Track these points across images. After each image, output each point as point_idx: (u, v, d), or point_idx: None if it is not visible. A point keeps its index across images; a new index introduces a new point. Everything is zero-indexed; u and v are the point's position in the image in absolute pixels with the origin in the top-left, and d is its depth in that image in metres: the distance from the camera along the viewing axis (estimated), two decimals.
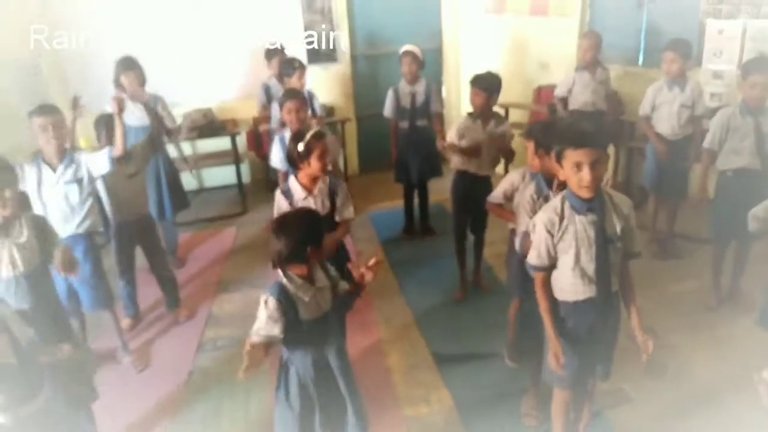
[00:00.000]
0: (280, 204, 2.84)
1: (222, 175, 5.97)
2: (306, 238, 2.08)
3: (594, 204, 2.10)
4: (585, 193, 2.07)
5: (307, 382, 2.23)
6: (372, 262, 2.23)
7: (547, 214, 2.17)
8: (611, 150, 4.83)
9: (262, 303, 2.08)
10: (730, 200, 3.37)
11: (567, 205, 2.13)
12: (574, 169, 2.04)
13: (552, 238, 2.16)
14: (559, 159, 2.12)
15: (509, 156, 3.80)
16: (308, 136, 2.73)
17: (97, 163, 3.17)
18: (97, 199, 3.33)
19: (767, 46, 4.17)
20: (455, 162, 3.74)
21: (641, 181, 4.21)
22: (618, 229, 2.13)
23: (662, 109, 3.99)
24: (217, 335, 3.67)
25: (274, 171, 3.89)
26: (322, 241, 2.15)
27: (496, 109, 3.77)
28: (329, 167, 2.78)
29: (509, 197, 2.95)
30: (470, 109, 3.71)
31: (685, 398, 2.90)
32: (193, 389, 3.22)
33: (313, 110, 4.52)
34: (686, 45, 3.91)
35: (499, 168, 4.21)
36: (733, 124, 3.32)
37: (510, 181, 2.93)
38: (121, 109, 3.27)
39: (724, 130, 3.36)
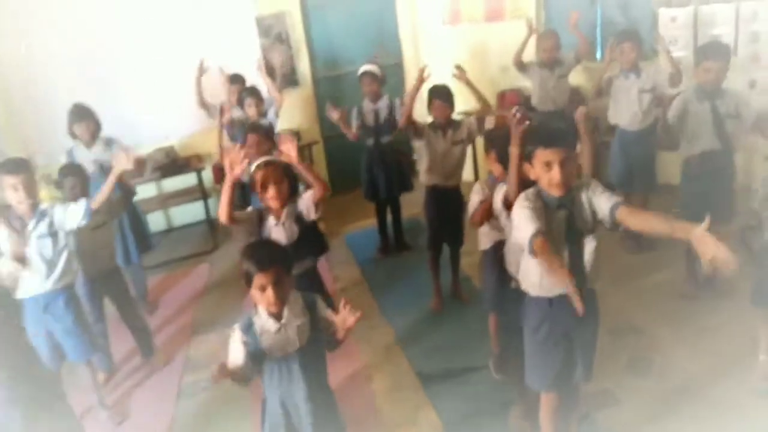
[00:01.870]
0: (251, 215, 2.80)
1: (190, 212, 5.86)
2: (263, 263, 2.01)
3: (565, 199, 2.11)
4: (556, 191, 2.09)
5: (279, 422, 2.15)
6: (354, 317, 2.13)
7: (525, 199, 2.13)
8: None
9: (231, 333, 2.10)
10: (697, 185, 3.37)
11: (539, 202, 2.13)
12: (545, 168, 2.07)
13: (534, 209, 2.08)
14: (528, 159, 2.14)
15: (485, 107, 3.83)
16: (255, 164, 2.72)
17: (72, 215, 3.02)
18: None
19: (719, 31, 4.20)
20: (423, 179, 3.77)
21: (607, 176, 4.18)
22: (590, 221, 2.13)
23: (621, 99, 3.97)
24: (197, 378, 3.56)
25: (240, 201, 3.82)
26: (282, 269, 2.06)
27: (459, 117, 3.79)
28: (280, 196, 2.71)
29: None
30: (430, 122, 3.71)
31: (671, 393, 2.85)
32: None
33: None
34: (637, 34, 3.93)
35: (468, 174, 4.18)
36: (691, 109, 3.32)
37: (481, 190, 2.85)
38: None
39: (683, 112, 3.36)
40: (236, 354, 2.09)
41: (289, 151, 2.69)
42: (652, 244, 4.15)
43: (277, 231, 2.72)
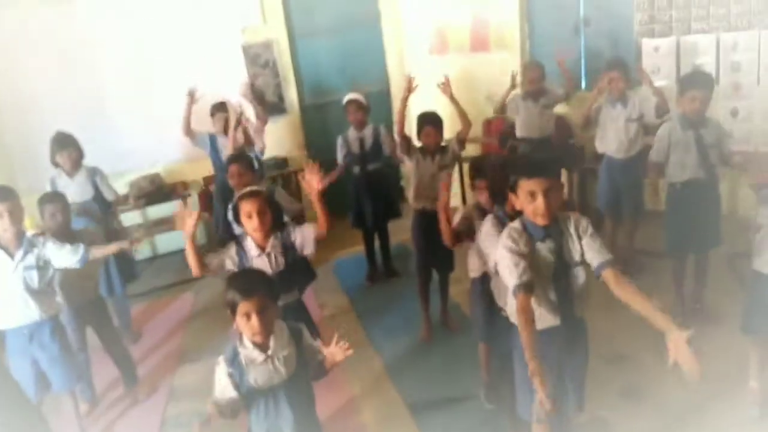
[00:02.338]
0: (227, 255, 2.71)
1: (175, 240, 5.77)
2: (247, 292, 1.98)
3: (551, 230, 2.10)
4: (540, 221, 2.07)
5: None
6: (343, 354, 2.13)
7: (509, 238, 2.12)
8: (563, 174, 4.85)
9: (217, 365, 2.06)
10: (681, 212, 3.40)
11: (525, 231, 2.12)
12: (529, 198, 2.06)
13: (520, 254, 2.07)
14: (513, 189, 2.13)
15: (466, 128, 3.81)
16: (238, 194, 2.69)
17: (66, 257, 2.99)
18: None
19: (701, 59, 4.29)
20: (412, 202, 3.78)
21: (595, 203, 4.21)
22: (577, 254, 2.11)
23: (608, 128, 4.02)
24: (181, 410, 3.47)
25: (223, 230, 3.80)
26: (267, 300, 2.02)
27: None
28: (261, 226, 2.64)
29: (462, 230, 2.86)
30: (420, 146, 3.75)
31: (664, 420, 2.83)
32: None
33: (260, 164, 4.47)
34: (625, 63, 3.99)
35: (456, 200, 4.18)
36: (675, 138, 3.35)
37: (463, 216, 2.85)
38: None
39: (667, 143, 3.39)
40: (223, 387, 2.04)
41: (312, 182, 2.68)
42: (640, 269, 4.17)
43: (260, 261, 2.65)
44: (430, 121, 3.68)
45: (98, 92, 5.47)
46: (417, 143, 3.83)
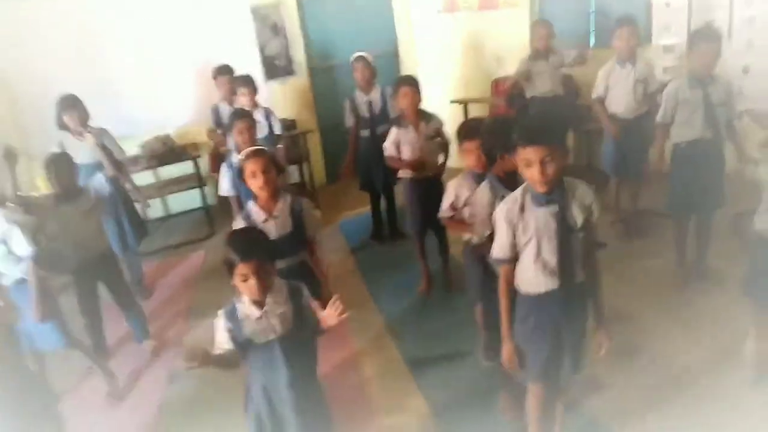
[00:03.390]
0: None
1: (187, 200, 5.88)
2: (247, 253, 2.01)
3: (554, 195, 2.06)
4: (540, 189, 2.03)
5: (262, 409, 2.19)
6: (337, 317, 2.14)
7: (506, 205, 2.13)
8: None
9: (216, 318, 2.14)
10: (686, 172, 3.36)
11: (528, 196, 2.10)
12: (526, 165, 2.01)
13: (513, 229, 2.11)
14: (514, 155, 2.08)
15: (446, 149, 3.81)
16: (242, 154, 2.69)
17: (19, 246, 3.03)
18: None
19: (714, 16, 4.18)
20: (402, 173, 3.79)
21: (600, 164, 4.17)
22: (579, 220, 2.09)
23: (617, 89, 3.96)
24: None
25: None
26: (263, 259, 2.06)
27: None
28: (267, 185, 2.66)
29: (458, 207, 2.88)
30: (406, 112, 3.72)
31: (660, 381, 2.84)
32: (166, 421, 3.15)
33: (271, 127, 4.44)
34: (635, 20, 3.91)
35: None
36: (682, 97, 3.29)
37: (454, 192, 2.86)
38: None
39: (674, 103, 3.33)
40: (221, 339, 2.12)
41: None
42: (644, 230, 4.16)
43: (267, 226, 2.66)
44: (403, 82, 3.67)
45: (108, 55, 5.50)
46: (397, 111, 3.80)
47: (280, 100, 5.71)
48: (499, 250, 2.19)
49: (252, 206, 2.75)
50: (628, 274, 3.70)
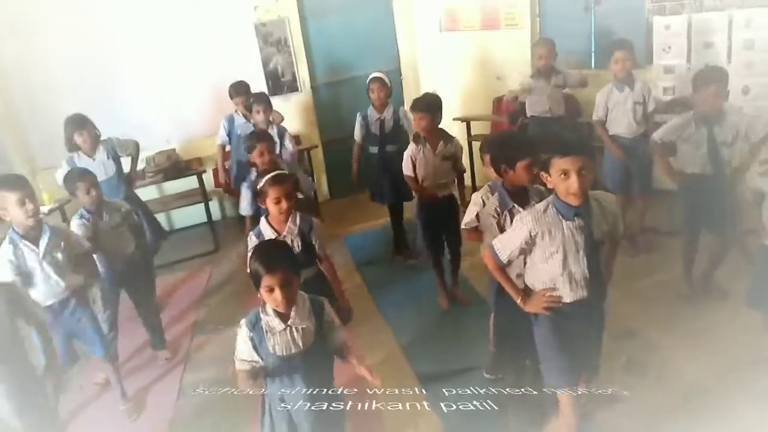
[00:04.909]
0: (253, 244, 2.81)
1: (192, 215, 5.91)
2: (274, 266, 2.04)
3: (581, 209, 2.12)
4: (573, 200, 2.09)
5: (279, 419, 2.22)
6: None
7: (532, 214, 2.19)
8: None
9: (238, 327, 2.15)
10: (692, 197, 3.44)
11: (554, 209, 2.16)
12: (562, 176, 2.07)
13: (531, 238, 2.18)
14: (545, 168, 2.14)
15: (460, 176, 3.84)
16: (264, 179, 2.72)
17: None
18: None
19: (712, 38, 4.28)
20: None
21: (604, 181, 4.25)
22: (604, 232, 2.17)
23: (616, 111, 4.07)
24: (198, 379, 3.58)
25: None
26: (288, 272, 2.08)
27: (457, 124, 3.81)
28: (288, 211, 2.73)
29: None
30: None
31: (670, 395, 2.87)
32: None
33: (283, 146, 4.44)
34: (631, 44, 4.02)
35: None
36: (687, 133, 3.36)
37: (479, 202, 2.90)
38: None
39: (676, 137, 3.40)
40: (244, 350, 2.14)
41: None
42: (649, 247, 4.22)
43: None
44: (417, 106, 3.67)
45: (114, 70, 5.54)
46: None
47: (284, 116, 5.75)
48: (503, 250, 2.27)
49: (264, 224, 2.79)
50: (634, 290, 3.73)
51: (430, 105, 3.66)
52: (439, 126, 3.74)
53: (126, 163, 4.40)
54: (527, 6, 5.35)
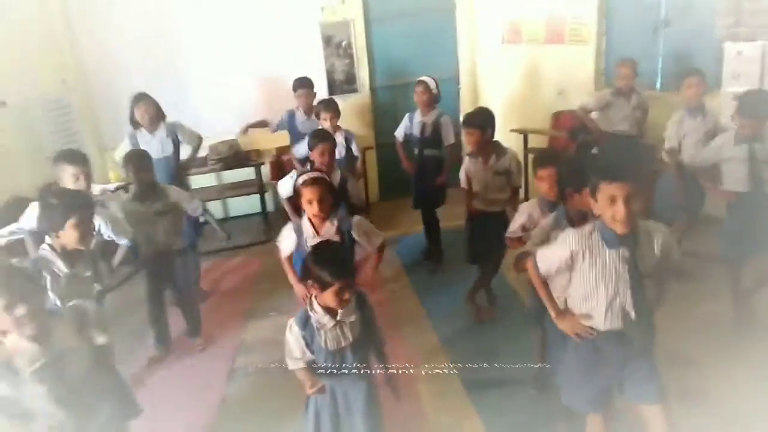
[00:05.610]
0: (284, 237, 2.93)
1: (247, 204, 6.08)
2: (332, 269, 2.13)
3: (627, 238, 2.04)
4: (619, 228, 2.01)
5: (325, 407, 2.34)
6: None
7: (577, 235, 2.14)
8: None
9: (288, 328, 2.26)
10: (737, 220, 3.44)
11: (598, 235, 2.10)
12: (609, 203, 2.00)
13: (572, 258, 2.14)
14: (593, 192, 2.07)
15: (515, 191, 3.80)
16: (301, 179, 2.80)
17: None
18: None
19: None
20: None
21: (654, 206, 4.19)
22: (650, 264, 2.08)
23: (688, 139, 4.00)
24: (249, 362, 3.71)
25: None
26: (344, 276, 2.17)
27: (514, 135, 3.80)
28: (321, 213, 2.79)
29: (529, 229, 2.89)
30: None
31: (721, 423, 2.83)
32: (225, 416, 3.26)
33: (350, 150, 4.49)
34: (703, 73, 3.98)
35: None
36: (728, 154, 3.37)
37: (527, 213, 2.92)
38: None
39: (717, 158, 3.45)
40: (296, 348, 2.25)
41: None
42: (699, 274, 4.15)
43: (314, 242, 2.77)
44: (467, 122, 3.68)
45: (184, 62, 5.79)
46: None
47: (342, 117, 5.85)
48: (542, 262, 2.25)
49: (305, 221, 2.88)
50: (685, 318, 3.65)
51: (480, 120, 3.65)
52: (494, 140, 3.74)
53: (186, 153, 4.56)
54: (594, 22, 5.32)
